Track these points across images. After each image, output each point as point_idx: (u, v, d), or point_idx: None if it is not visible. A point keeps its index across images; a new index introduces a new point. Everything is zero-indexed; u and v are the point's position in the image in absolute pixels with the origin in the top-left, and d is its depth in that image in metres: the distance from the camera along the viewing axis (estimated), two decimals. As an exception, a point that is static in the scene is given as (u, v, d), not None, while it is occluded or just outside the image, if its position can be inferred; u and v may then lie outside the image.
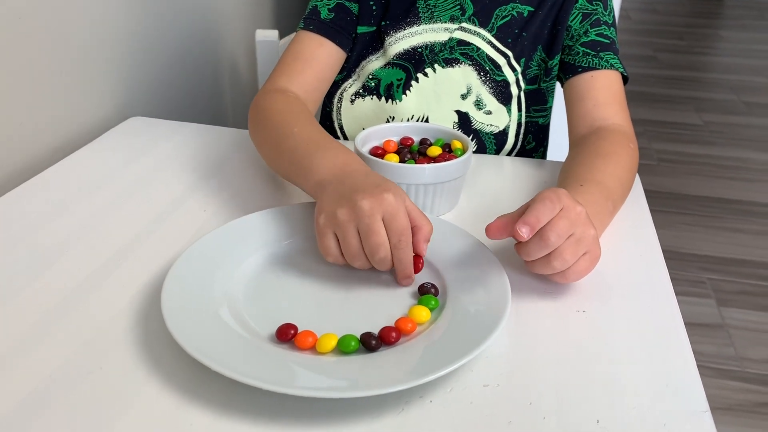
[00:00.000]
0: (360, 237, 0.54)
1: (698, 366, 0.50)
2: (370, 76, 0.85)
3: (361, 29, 0.85)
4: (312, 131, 0.68)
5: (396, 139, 0.74)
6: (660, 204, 2.09)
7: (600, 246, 0.56)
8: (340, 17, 0.83)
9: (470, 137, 0.84)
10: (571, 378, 0.48)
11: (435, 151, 0.70)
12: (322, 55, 0.81)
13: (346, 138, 0.90)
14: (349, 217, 0.54)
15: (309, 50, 0.81)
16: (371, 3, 0.84)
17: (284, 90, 0.77)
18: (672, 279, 0.61)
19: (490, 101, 0.83)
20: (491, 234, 0.55)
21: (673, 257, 1.82)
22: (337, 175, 0.59)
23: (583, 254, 0.54)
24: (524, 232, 0.51)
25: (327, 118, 0.91)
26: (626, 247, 0.64)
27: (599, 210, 0.61)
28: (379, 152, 0.71)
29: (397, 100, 0.84)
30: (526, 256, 0.54)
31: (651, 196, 0.79)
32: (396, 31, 0.83)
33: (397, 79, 0.84)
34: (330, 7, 0.83)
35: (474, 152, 0.85)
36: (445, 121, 0.84)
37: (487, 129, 0.84)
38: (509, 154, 0.87)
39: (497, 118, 0.84)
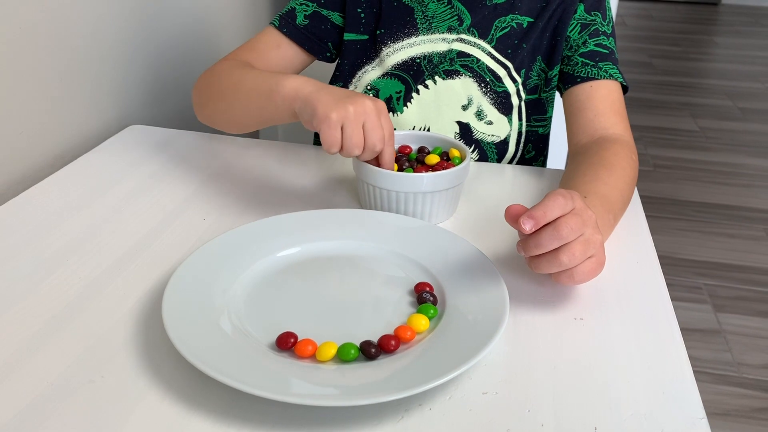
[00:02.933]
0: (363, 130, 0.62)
1: (695, 371, 0.51)
2: (368, 87, 0.85)
3: (349, 36, 0.85)
4: (271, 71, 0.73)
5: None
6: (656, 210, 2.10)
7: (605, 254, 0.56)
8: (315, 25, 0.85)
9: (471, 147, 0.85)
10: (569, 385, 0.49)
11: (433, 159, 0.71)
12: (275, 56, 0.84)
13: None
14: (358, 111, 0.62)
15: (265, 48, 0.84)
16: (359, 11, 0.85)
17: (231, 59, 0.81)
18: (668, 285, 0.61)
19: (491, 112, 0.83)
20: (508, 215, 0.53)
21: (669, 263, 1.83)
22: (319, 85, 0.65)
23: (590, 257, 0.54)
24: (527, 225, 0.51)
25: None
26: (623, 254, 0.65)
27: (601, 224, 0.61)
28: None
29: (399, 113, 0.84)
30: (536, 249, 0.53)
31: (647, 201, 0.80)
32: (393, 42, 0.84)
33: (396, 92, 0.84)
34: (307, 13, 0.85)
35: (475, 161, 0.86)
36: (446, 133, 0.84)
37: (489, 139, 0.85)
38: (510, 162, 0.88)
39: (498, 128, 0.84)
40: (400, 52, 0.84)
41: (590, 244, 0.53)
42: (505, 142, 0.85)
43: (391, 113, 0.85)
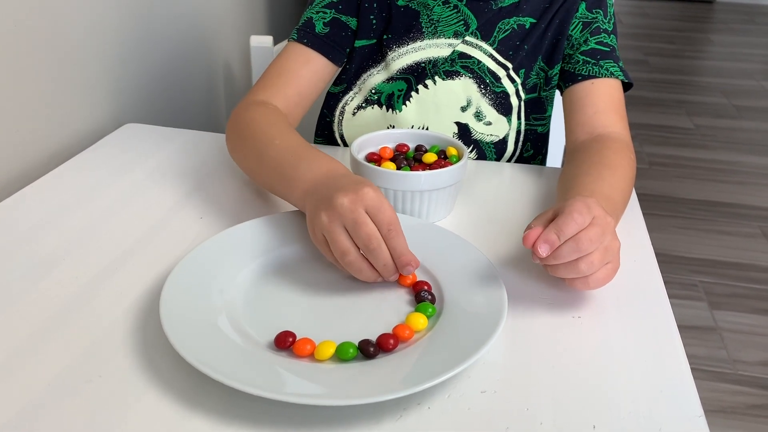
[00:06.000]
0: (350, 234, 0.54)
1: (691, 369, 0.51)
2: (373, 91, 0.85)
3: (359, 43, 0.84)
4: (294, 141, 0.69)
5: (392, 145, 0.74)
6: (652, 207, 2.11)
7: (620, 260, 0.56)
8: (335, 32, 0.82)
9: (470, 147, 0.85)
10: (568, 383, 0.49)
11: (430, 157, 0.71)
12: (307, 72, 0.81)
13: (346, 146, 0.90)
14: (331, 217, 0.54)
15: (294, 66, 0.80)
16: (371, 17, 0.84)
17: (265, 102, 0.77)
18: (664, 282, 0.61)
19: (490, 112, 0.83)
20: (526, 242, 0.53)
21: (665, 260, 1.83)
22: (320, 182, 0.60)
23: (607, 263, 0.54)
24: (543, 250, 0.52)
25: (326, 128, 0.91)
26: (620, 252, 0.65)
27: None
28: (374, 158, 0.72)
29: (397, 111, 0.84)
30: (554, 260, 0.53)
31: (643, 199, 0.80)
32: (399, 46, 0.83)
33: (398, 90, 0.84)
34: (326, 20, 0.82)
35: (474, 159, 0.86)
36: (444, 133, 0.84)
37: (487, 139, 0.84)
38: (509, 161, 0.88)
39: (497, 128, 0.84)
40: (405, 56, 0.83)
41: (609, 251, 0.54)
42: (503, 141, 0.85)
43: (390, 110, 0.84)
